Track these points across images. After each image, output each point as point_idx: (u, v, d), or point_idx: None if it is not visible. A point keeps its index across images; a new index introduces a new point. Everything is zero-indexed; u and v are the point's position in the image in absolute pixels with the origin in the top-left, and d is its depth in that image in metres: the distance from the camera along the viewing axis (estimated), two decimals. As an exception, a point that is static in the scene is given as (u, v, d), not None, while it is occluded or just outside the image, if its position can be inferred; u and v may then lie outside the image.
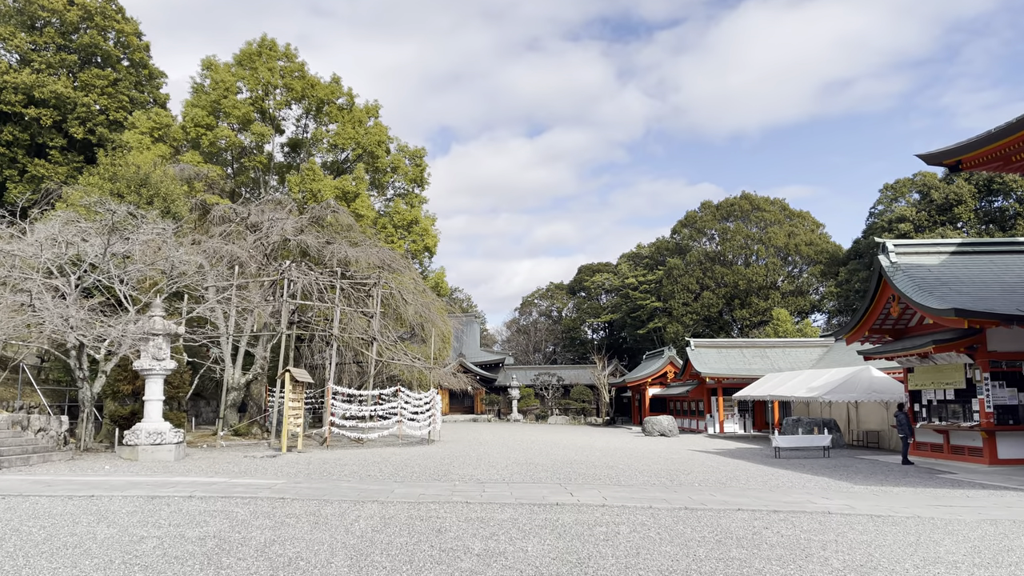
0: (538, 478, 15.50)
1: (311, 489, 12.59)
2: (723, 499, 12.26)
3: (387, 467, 17.59)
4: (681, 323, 60.95)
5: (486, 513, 10.37)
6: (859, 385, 26.89)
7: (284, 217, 27.85)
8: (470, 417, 59.06)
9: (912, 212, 51.54)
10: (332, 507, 10.65)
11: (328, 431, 24.01)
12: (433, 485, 13.76)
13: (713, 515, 10.56)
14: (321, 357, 30.28)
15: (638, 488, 13.88)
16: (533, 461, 20.00)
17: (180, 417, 22.97)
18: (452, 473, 16.35)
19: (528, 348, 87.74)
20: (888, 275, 22.34)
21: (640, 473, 16.99)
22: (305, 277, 25.96)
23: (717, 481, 15.52)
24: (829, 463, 21.16)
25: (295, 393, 22.13)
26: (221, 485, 12.91)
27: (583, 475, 16.26)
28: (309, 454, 21.37)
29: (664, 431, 36.32)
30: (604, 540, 8.58)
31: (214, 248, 24.48)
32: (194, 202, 28.74)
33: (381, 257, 29.07)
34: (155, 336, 18.57)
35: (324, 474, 15.67)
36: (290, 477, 14.76)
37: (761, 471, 17.99)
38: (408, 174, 39.21)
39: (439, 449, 24.49)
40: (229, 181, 36.36)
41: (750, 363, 40.64)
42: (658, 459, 21.58)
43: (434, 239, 38.75)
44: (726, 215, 65.33)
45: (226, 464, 17.63)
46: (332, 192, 32.76)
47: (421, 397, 27.75)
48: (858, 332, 25.19)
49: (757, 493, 13.36)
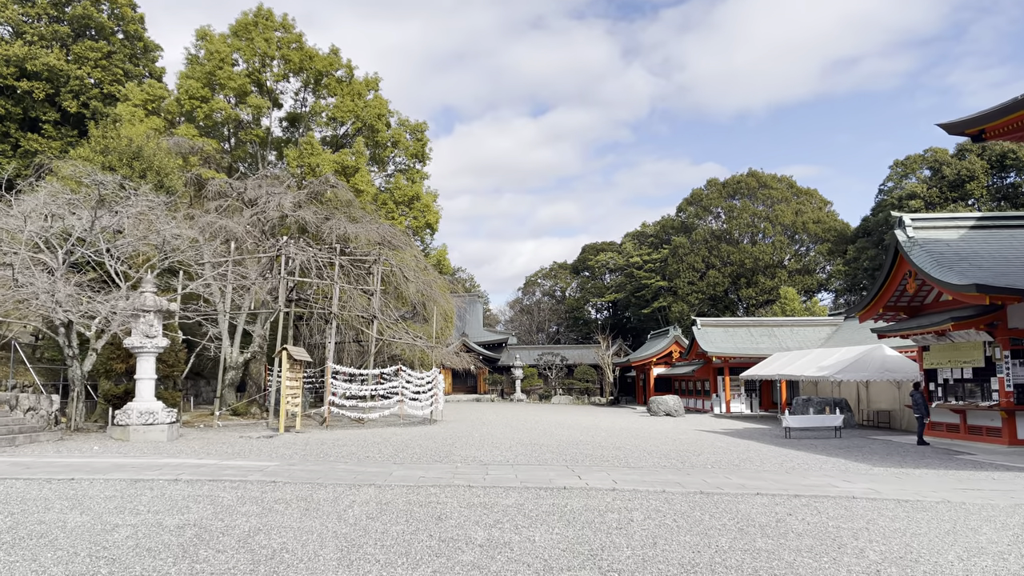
0: (543, 460, 14.88)
1: (305, 472, 11.97)
2: (739, 482, 11.62)
3: (387, 448, 17.00)
4: (686, 302, 60.22)
5: (490, 498, 9.74)
6: (871, 364, 26.23)
7: (282, 192, 27.02)
8: (473, 397, 58.64)
9: (923, 188, 50.53)
10: (325, 491, 10.02)
11: (327, 411, 23.43)
12: (434, 467, 13.14)
13: (731, 500, 9.91)
14: (321, 336, 29.66)
15: (648, 471, 13.25)
16: (538, 442, 19.41)
17: (175, 396, 22.40)
18: (454, 454, 15.74)
19: (531, 328, 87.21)
20: (905, 250, 21.58)
21: (649, 454, 16.37)
22: (303, 254, 25.24)
23: (729, 463, 14.89)
24: (842, 444, 20.56)
25: (293, 372, 21.50)
26: (211, 467, 12.29)
27: (590, 456, 15.65)
28: (307, 434, 20.80)
29: (670, 411, 35.75)
30: (617, 528, 7.93)
31: (208, 223, 23.73)
32: (189, 176, 27.92)
33: (381, 233, 28.30)
34: (146, 313, 17.90)
35: (321, 455, 15.06)
36: (284, 459, 14.15)
37: (774, 452, 17.37)
38: (409, 149, 38.20)
39: (441, 429, 23.92)
40: (226, 156, 35.49)
41: (757, 342, 39.97)
42: (666, 440, 20.98)
43: (436, 215, 37.83)
44: (732, 193, 64.31)
45: (220, 445, 17.04)
46: (331, 167, 31.86)
47: (423, 377, 27.14)
48: (872, 309, 24.48)
49: (773, 476, 12.72)
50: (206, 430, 21.77)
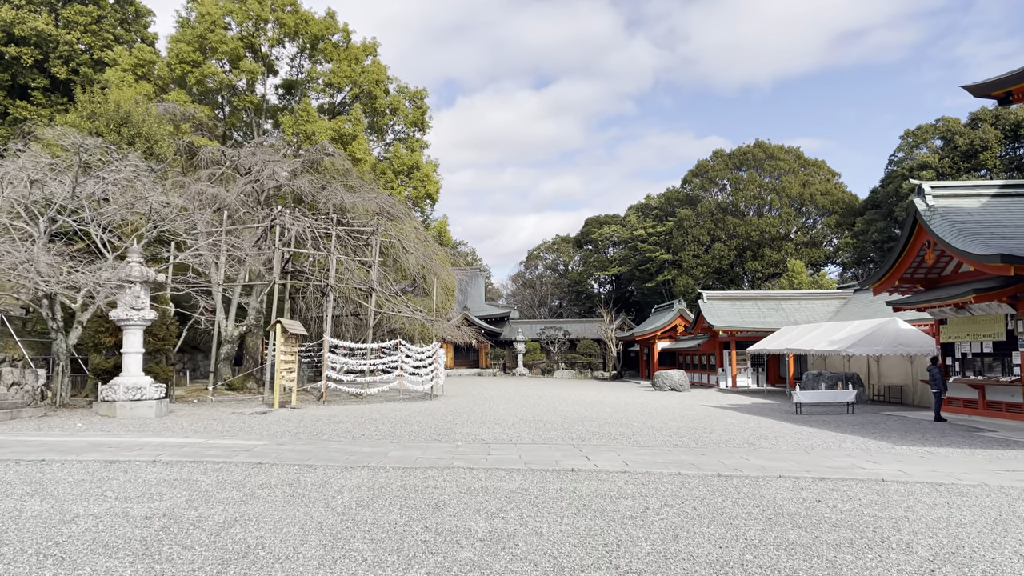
0: (548, 438, 14.16)
1: (295, 452, 11.25)
2: (758, 463, 10.88)
3: (384, 425, 16.30)
4: (691, 275, 59.33)
5: (492, 482, 9.00)
6: (885, 338, 25.46)
7: (277, 160, 26.02)
8: (475, 371, 58.08)
9: (935, 159, 49.34)
10: (314, 474, 9.29)
11: (324, 386, 22.74)
12: (433, 446, 12.42)
13: (752, 484, 9.17)
14: (318, 309, 28.90)
15: (660, 450, 12.52)
16: (541, 418, 18.71)
17: (167, 371, 21.70)
18: (454, 432, 15.03)
19: (534, 302, 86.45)
20: (924, 219, 20.66)
21: (658, 432, 15.66)
22: (299, 224, 24.35)
23: (744, 441, 14.17)
24: (856, 420, 19.86)
25: (287, 346, 20.75)
26: (195, 447, 11.56)
27: (597, 434, 14.93)
28: (303, 410, 20.12)
29: (675, 386, 35.08)
30: (632, 518, 7.18)
31: (199, 191, 22.80)
32: (180, 144, 26.92)
33: (380, 203, 27.36)
34: (132, 284, 17.09)
35: (314, 433, 14.35)
36: (275, 437, 13.43)
37: (787, 430, 16.65)
38: (408, 116, 36.96)
39: (441, 405, 23.25)
40: (220, 124, 34.37)
41: (765, 316, 39.18)
42: (673, 416, 20.28)
43: (436, 185, 36.71)
44: (739, 164, 63.07)
45: (210, 422, 16.35)
46: (327, 134, 30.76)
47: (424, 351, 26.42)
48: (887, 281, 23.62)
49: (793, 456, 11.98)
50: (199, 406, 21.11)
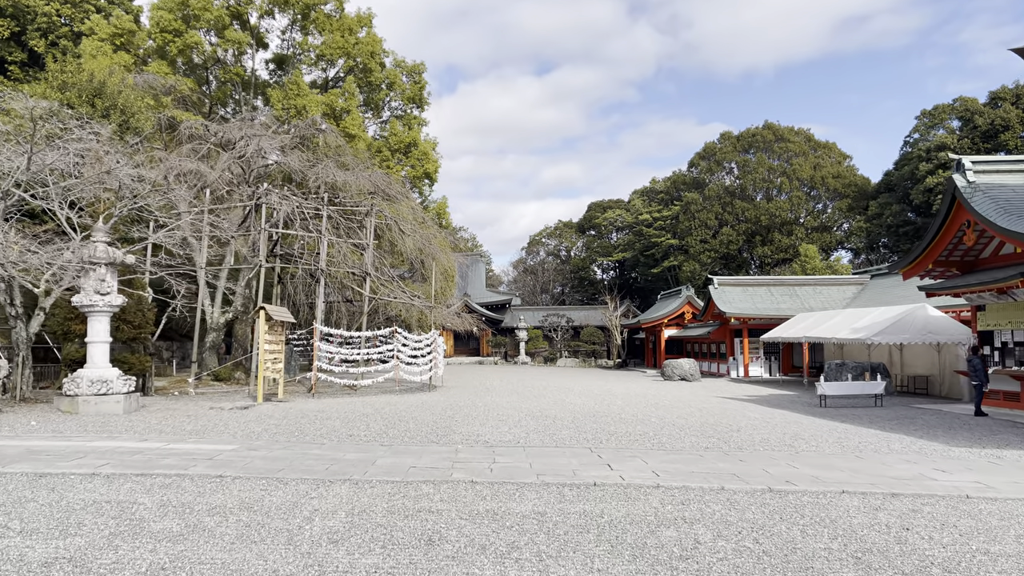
0: (560, 438, 12.55)
1: (267, 459, 9.62)
2: (808, 473, 9.27)
3: (376, 422, 14.69)
4: (698, 261, 57.64)
5: (499, 502, 7.38)
6: (913, 325, 23.81)
7: (263, 134, 24.22)
8: (476, 359, 56.52)
9: (953, 139, 47.50)
10: (283, 492, 7.67)
11: (314, 377, 21.12)
12: (429, 450, 10.81)
13: (814, 502, 7.56)
14: (310, 295, 27.25)
15: (689, 454, 10.91)
16: (549, 413, 17.10)
17: (144, 361, 20.07)
18: (454, 431, 13.41)
19: (535, 289, 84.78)
20: (964, 196, 18.93)
21: (680, 430, 14.05)
22: (286, 202, 22.62)
23: (780, 442, 12.55)
24: (889, 414, 18.28)
25: (272, 334, 19.10)
26: (150, 454, 9.93)
27: (613, 434, 13.32)
28: (289, 404, 18.51)
29: (685, 375, 33.47)
30: (682, 558, 5.56)
31: (176, 166, 21.06)
32: (161, 118, 25.14)
33: (375, 183, 25.60)
34: (96, 266, 15.42)
35: (296, 433, 12.74)
36: (249, 438, 11.81)
37: (821, 427, 15.03)
38: (406, 92, 35.03)
39: (441, 397, 21.65)
40: (206, 100, 32.49)
41: (778, 302, 37.54)
42: (691, 410, 18.68)
43: (435, 164, 34.78)
44: (747, 147, 61.20)
45: (183, 419, 14.74)
46: (319, 108, 28.92)
47: (421, 339, 24.79)
48: (919, 264, 21.95)
49: (844, 461, 10.37)
50: (178, 399, 19.51)
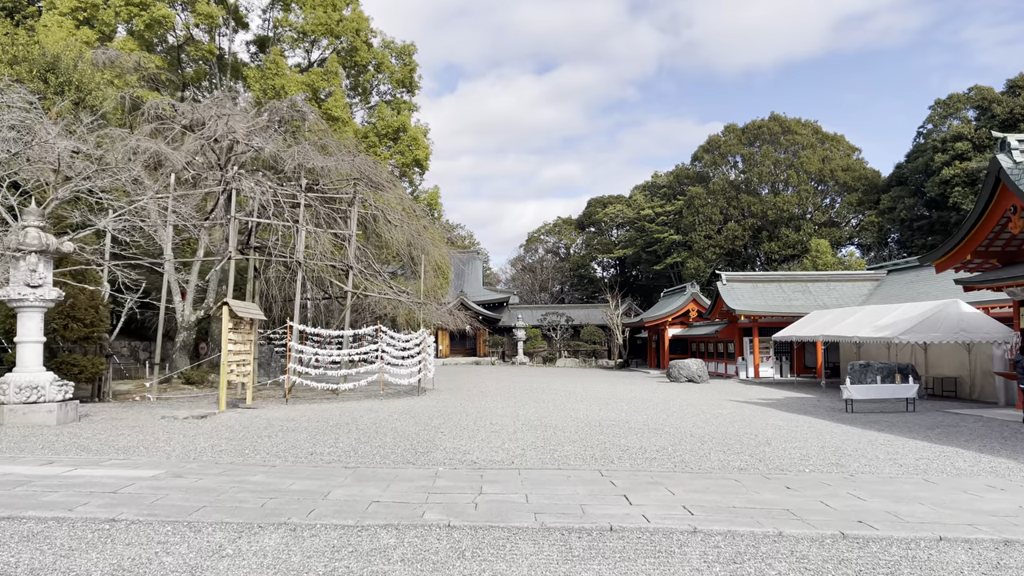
0: (563, 457, 10.51)
1: (189, 492, 7.56)
2: (882, 508, 7.24)
3: (349, 435, 12.65)
4: (702, 257, 55.64)
5: (483, 563, 5.32)
6: (944, 322, 21.78)
7: (234, 113, 22.12)
8: (472, 360, 54.50)
9: (970, 129, 45.50)
10: (187, 548, 5.60)
11: (288, 380, 19.08)
12: (402, 475, 8.77)
13: (909, 559, 5.52)
14: (289, 291, 25.18)
15: (720, 477, 8.89)
16: (550, 422, 15.08)
17: (97, 364, 18.03)
18: (437, 446, 11.37)
19: (534, 287, 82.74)
20: (1011, 179, 16.89)
21: (700, 442, 12.02)
22: (259, 188, 20.56)
23: (822, 459, 10.52)
24: (927, 421, 16.31)
25: (239, 333, 17.04)
26: (40, 484, 7.82)
27: (625, 449, 11.27)
28: (257, 412, 16.46)
29: (692, 377, 31.45)
30: None
31: (135, 146, 18.99)
32: (123, 96, 23.08)
33: (360, 168, 23.49)
34: (26, 254, 13.37)
35: (246, 451, 10.69)
36: (183, 460, 9.74)
37: (860, 439, 12.99)
38: (395, 74, 32.83)
39: (429, 403, 19.62)
40: (180, 82, 30.30)
41: (790, 299, 35.53)
42: (705, 417, 16.66)
43: (426, 150, 32.46)
44: (752, 139, 59.17)
45: (122, 432, 12.69)
46: (299, 88, 26.71)
47: (409, 338, 22.76)
48: (955, 256, 19.93)
49: (915, 488, 8.34)
50: (132, 406, 17.45)
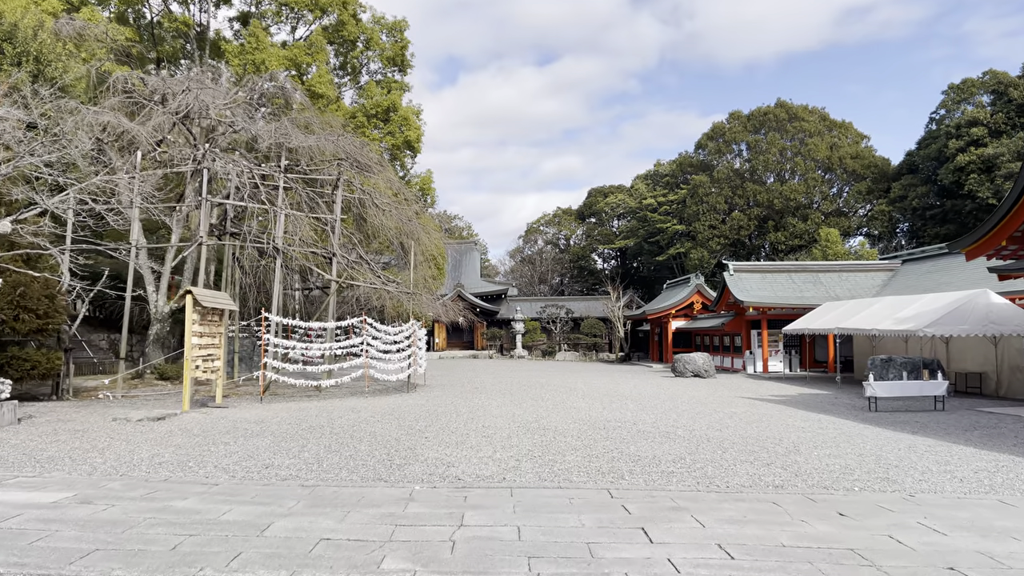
0: (563, 469, 8.94)
1: (85, 529, 5.98)
2: (970, 546, 5.68)
3: (319, 441, 11.08)
4: (706, 248, 54.04)
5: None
6: (973, 314, 20.21)
7: (206, 86, 20.43)
8: (469, 353, 52.99)
9: (985, 114, 43.85)
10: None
11: (263, 377, 17.50)
12: (367, 497, 7.19)
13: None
14: (269, 280, 23.58)
15: (755, 498, 7.33)
16: (549, 424, 13.51)
17: (54, 359, 16.46)
18: (416, 456, 9.81)
19: (533, 279, 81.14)
20: (1057, 156, 15.34)
21: (720, 449, 10.46)
22: (236, 168, 18.93)
23: (866, 471, 8.96)
24: (963, 422, 14.78)
25: (206, 324, 15.44)
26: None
27: (636, 459, 9.71)
28: (224, 412, 14.89)
29: (698, 371, 29.90)
30: None
31: (93, 119, 17.35)
32: (90, 69, 21.42)
33: (344, 148, 21.84)
34: (-47, 235, 11.82)
35: (189, 465, 9.12)
36: (109, 476, 8.15)
37: (898, 444, 11.42)
38: (385, 52, 31.02)
39: (418, 401, 18.06)
40: (155, 57, 28.49)
41: (801, 290, 33.94)
42: (719, 416, 15.10)
43: (417, 131, 30.63)
44: (758, 126, 57.44)
45: (63, 436, 11.13)
46: (280, 64, 25.01)
47: (398, 330, 21.19)
48: (989, 241, 18.30)
49: (992, 513, 6.78)
50: (89, 405, 15.89)
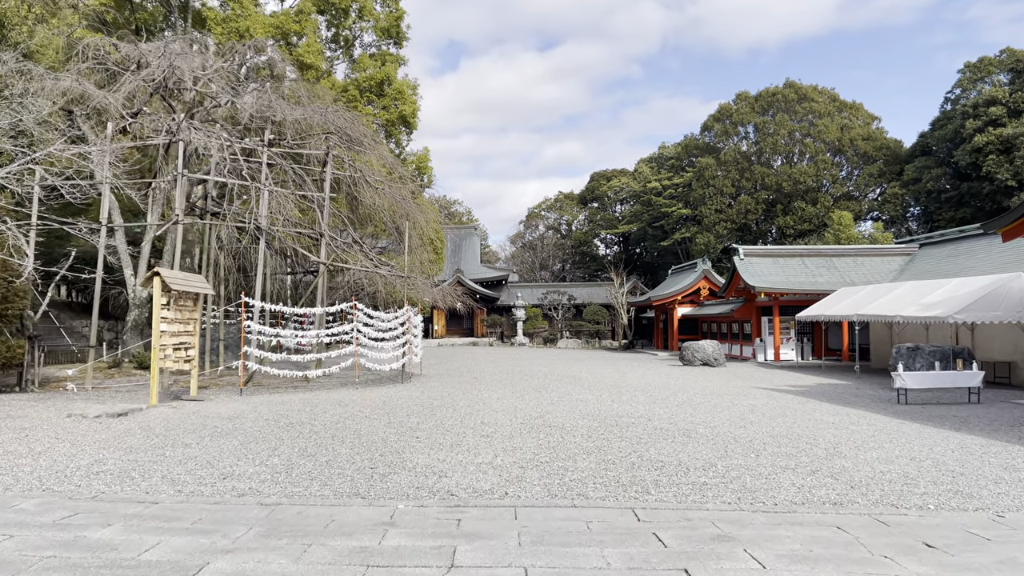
0: (577, 480, 7.58)
1: None
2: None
3: (291, 444, 9.74)
4: (712, 232, 52.58)
5: None
6: (1007, 299, 18.86)
7: (184, 52, 18.93)
8: (469, 340, 51.71)
9: (1003, 94, 42.25)
10: None
11: (242, 367, 16.14)
12: (335, 524, 5.84)
13: None
14: (238, 261, 22.17)
15: (817, 526, 5.98)
16: (555, 420, 12.16)
17: (14, 348, 15.12)
18: (404, 462, 8.45)
19: (534, 265, 79.77)
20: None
21: (753, 453, 9.11)
22: (217, 142, 17.50)
23: (929, 481, 7.61)
24: (1005, 417, 13.53)
25: (177, 311, 14.04)
26: None
27: (660, 466, 8.35)
28: (198, 406, 13.54)
29: (708, 360, 28.55)
30: None
31: (53, 86, 15.91)
32: (56, 34, 19.94)
33: (334, 122, 20.37)
34: None
35: (132, 475, 7.77)
36: (21, 495, 6.80)
37: (942, 441, 10.06)
38: (379, 22, 29.33)
39: (412, 393, 16.71)
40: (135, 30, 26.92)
41: (814, 275, 32.54)
42: (740, 411, 13.74)
43: (413, 106, 28.92)
44: (766, 107, 55.79)
45: (4, 436, 9.80)
46: (266, 32, 23.46)
47: (391, 317, 19.82)
48: (1028, 222, 17.02)
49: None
50: (51, 397, 14.56)
